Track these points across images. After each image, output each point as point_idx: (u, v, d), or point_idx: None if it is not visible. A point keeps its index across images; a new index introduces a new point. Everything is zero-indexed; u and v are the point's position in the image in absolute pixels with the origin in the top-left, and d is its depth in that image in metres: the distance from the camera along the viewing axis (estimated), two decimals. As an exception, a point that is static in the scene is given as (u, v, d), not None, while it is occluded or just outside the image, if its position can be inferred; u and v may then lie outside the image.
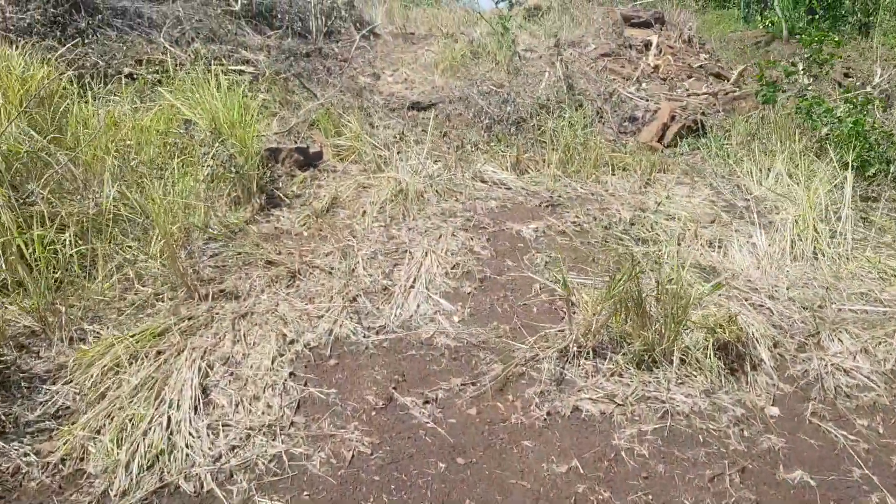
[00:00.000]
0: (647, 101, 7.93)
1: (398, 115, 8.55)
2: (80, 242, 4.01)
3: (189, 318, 3.66)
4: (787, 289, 4.20)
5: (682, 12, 13.54)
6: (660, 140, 7.12)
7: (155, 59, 8.30)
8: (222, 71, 8.51)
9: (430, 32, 13.43)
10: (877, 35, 12.21)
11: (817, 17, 14.11)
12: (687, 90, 8.27)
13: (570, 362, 3.40)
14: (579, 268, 4.38)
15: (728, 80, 9.43)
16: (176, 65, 8.23)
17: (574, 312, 3.68)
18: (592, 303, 3.43)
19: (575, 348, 3.42)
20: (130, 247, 4.15)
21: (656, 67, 9.51)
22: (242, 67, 8.57)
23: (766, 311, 3.94)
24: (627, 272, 3.26)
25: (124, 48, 7.98)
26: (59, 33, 7.51)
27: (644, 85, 9.17)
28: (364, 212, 5.09)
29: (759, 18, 15.02)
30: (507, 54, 10.09)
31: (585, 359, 3.39)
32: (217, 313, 3.72)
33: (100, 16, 8.74)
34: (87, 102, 5.59)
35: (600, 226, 5.03)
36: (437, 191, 5.47)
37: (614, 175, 6.16)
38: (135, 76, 7.55)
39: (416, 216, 5.05)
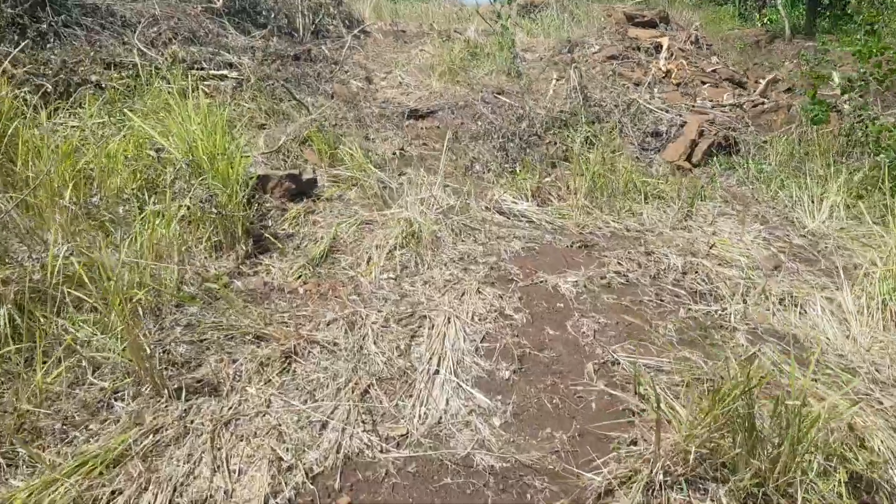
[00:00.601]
0: (668, 111, 7.02)
1: (395, 123, 7.58)
2: (19, 319, 3.04)
3: (156, 431, 2.71)
4: (891, 367, 3.32)
5: (685, 11, 12.62)
6: (688, 158, 6.22)
7: (128, 62, 7.26)
8: (202, 76, 7.49)
9: (422, 30, 12.39)
10: (887, 35, 11.38)
11: (821, 14, 13.24)
12: (710, 101, 7.36)
13: (654, 495, 2.50)
14: (636, 340, 3.47)
15: (744, 87, 8.54)
16: (152, 69, 7.20)
17: (646, 418, 2.79)
18: (687, 420, 2.53)
19: (662, 476, 2.52)
20: (84, 322, 3.18)
21: (668, 72, 8.59)
22: (225, 72, 7.54)
23: (874, 402, 3.06)
24: (738, 386, 2.36)
25: (92, 53, 6.90)
26: (16, 37, 6.43)
27: (657, 91, 8.26)
28: (369, 258, 4.13)
29: (757, 16, 14.12)
30: (508, 57, 9.11)
31: (677, 491, 2.50)
32: (192, 421, 2.77)
33: (66, 14, 7.65)
34: (39, 125, 4.57)
35: (648, 275, 4.13)
36: (452, 229, 4.53)
37: (647, 204, 5.25)
38: (103, 85, 6.50)
39: (430, 263, 4.11)
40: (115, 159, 4.56)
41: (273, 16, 9.65)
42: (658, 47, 9.14)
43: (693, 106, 7.16)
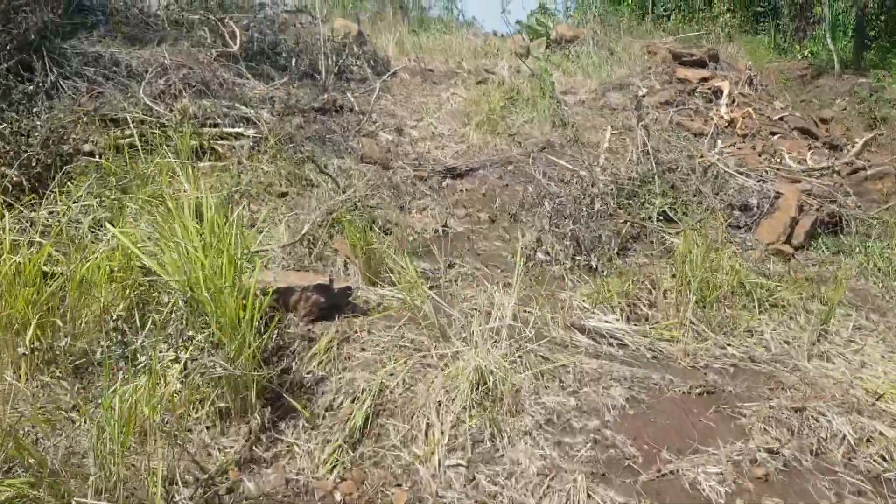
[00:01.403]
0: (748, 175, 5.75)
1: (431, 187, 6.37)
2: None
3: None
4: None
5: (729, 45, 11.36)
6: (788, 240, 4.97)
7: (134, 119, 6.11)
8: (216, 135, 6.32)
9: (450, 68, 11.17)
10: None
11: (868, 47, 11.91)
12: (796, 161, 6.10)
13: None
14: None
15: (817, 138, 7.28)
16: (158, 128, 6.05)
17: None
18: None
19: None
20: None
21: (731, 121, 7.33)
22: (241, 129, 6.35)
23: None
24: None
25: (91, 109, 5.75)
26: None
27: (720, 142, 7.01)
28: (428, 427, 2.90)
29: (798, 48, 12.83)
30: (551, 104, 7.88)
31: None
32: None
33: (67, 65, 6.51)
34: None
35: (807, 450, 2.87)
36: (528, 365, 3.29)
37: (763, 313, 3.99)
38: (99, 154, 5.32)
39: (510, 434, 2.87)
40: (98, 274, 3.36)
41: (294, 60, 8.45)
42: (717, 92, 7.89)
43: (778, 169, 5.89)
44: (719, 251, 4.04)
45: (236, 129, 6.32)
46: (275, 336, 3.35)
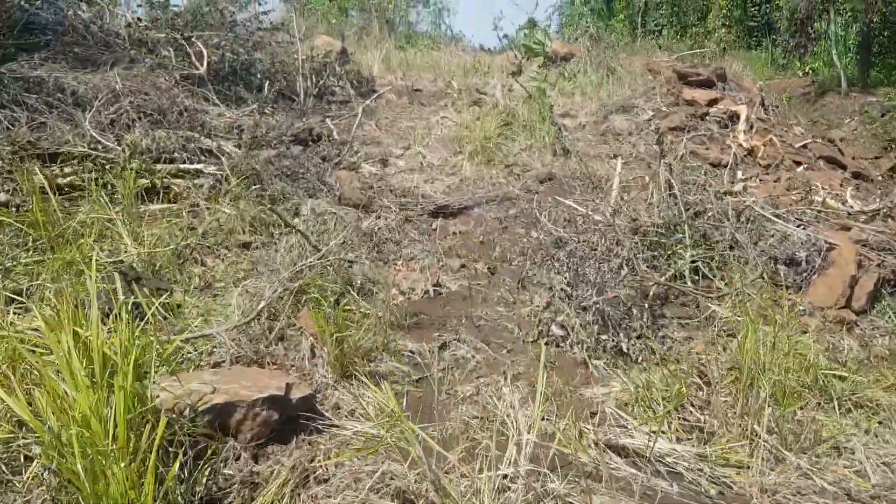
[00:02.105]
0: (787, 220, 4.77)
1: (419, 227, 5.35)
2: None
3: None
4: None
5: (728, 61, 10.42)
6: (847, 303, 3.98)
7: (77, 153, 5.12)
8: (172, 172, 5.29)
9: (439, 87, 10.15)
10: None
11: (876, 62, 11.00)
12: (843, 202, 5.12)
13: None
14: None
15: (845, 168, 6.33)
16: (101, 163, 5.05)
17: None
18: None
19: None
20: None
21: (751, 150, 6.36)
22: (200, 166, 5.31)
23: None
24: None
25: (28, 142, 4.74)
26: None
27: (740, 175, 6.05)
28: None
29: (798, 64, 11.92)
30: (551, 130, 6.89)
31: None
32: None
33: (3, 93, 5.49)
34: None
35: None
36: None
37: (843, 415, 3.00)
38: (17, 205, 4.28)
39: None
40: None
41: (267, 82, 7.41)
42: (732, 117, 6.92)
43: (820, 211, 4.91)
44: (776, 322, 3.02)
45: (195, 166, 5.28)
46: (202, 486, 2.31)
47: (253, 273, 4.17)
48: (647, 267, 4.17)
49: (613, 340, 3.33)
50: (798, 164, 6.27)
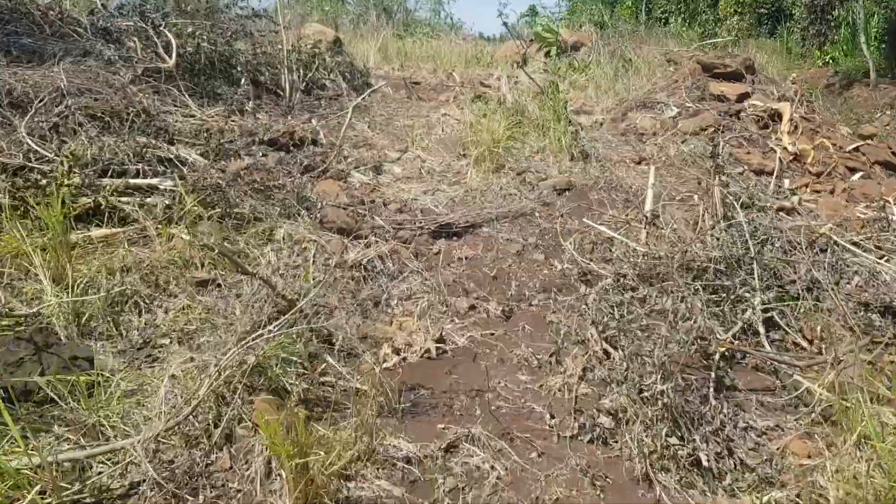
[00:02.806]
0: (868, 249, 3.71)
1: (417, 250, 4.28)
2: None
3: None
4: None
5: (751, 51, 9.27)
6: (972, 369, 2.93)
7: (8, 165, 4.05)
8: (119, 188, 4.21)
9: (440, 79, 9.03)
10: None
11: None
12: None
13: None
14: None
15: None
16: (34, 179, 4.00)
17: None
18: None
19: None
20: None
21: (797, 154, 5.28)
22: (156, 180, 4.23)
23: None
24: None
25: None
26: None
27: (788, 184, 5.00)
28: None
29: (818, 53, 10.77)
30: (568, 131, 5.80)
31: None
32: None
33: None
34: None
35: None
36: None
37: None
38: None
39: None
40: None
41: (245, 76, 6.30)
42: (773, 115, 5.83)
43: (906, 236, 3.86)
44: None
45: (148, 180, 4.19)
46: None
47: (207, 325, 3.13)
48: (705, 312, 3.12)
49: (688, 446, 2.29)
50: (852, 170, 5.21)
